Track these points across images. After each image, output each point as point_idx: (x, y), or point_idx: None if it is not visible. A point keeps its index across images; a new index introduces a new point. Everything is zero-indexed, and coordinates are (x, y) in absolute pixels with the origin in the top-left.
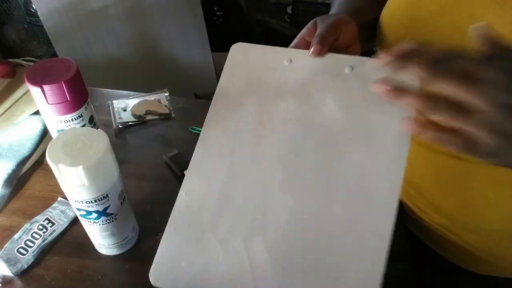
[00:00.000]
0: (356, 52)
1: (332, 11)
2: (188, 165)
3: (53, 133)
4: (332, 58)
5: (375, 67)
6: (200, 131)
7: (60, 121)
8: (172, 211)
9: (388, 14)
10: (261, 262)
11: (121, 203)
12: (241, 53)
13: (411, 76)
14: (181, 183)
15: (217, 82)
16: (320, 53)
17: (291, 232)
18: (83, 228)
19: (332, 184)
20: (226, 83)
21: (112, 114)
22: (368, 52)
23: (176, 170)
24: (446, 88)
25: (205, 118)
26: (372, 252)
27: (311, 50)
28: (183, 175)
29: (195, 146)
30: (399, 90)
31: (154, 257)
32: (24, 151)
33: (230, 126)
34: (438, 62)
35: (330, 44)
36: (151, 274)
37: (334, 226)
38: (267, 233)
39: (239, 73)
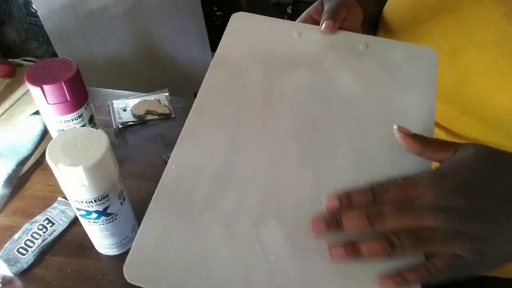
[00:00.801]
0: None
1: None
2: None
3: (53, 133)
4: (345, 34)
5: (390, 47)
6: None
7: (60, 121)
8: (158, 186)
9: (391, 6)
10: (277, 249)
11: (121, 203)
12: (243, 22)
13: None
14: None
15: None
16: (332, 28)
17: (312, 212)
18: (83, 228)
19: (355, 158)
20: (226, 50)
21: (112, 114)
22: None
23: None
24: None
25: None
26: None
27: (324, 25)
28: None
29: None
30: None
31: None
32: (24, 151)
33: (232, 92)
34: (369, 211)
35: (340, 22)
36: (126, 268)
37: None
38: (283, 213)
39: (241, 41)
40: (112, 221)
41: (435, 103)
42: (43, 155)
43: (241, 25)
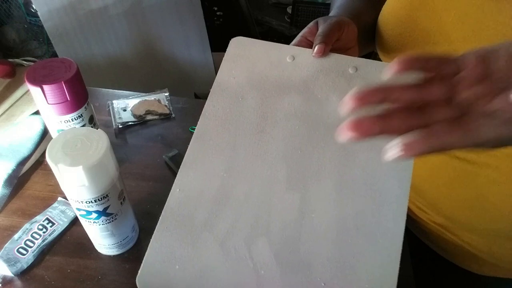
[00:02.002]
0: (355, 55)
1: (331, 14)
2: None
3: (53, 133)
4: (335, 58)
5: (379, 69)
6: None
7: (60, 121)
8: (164, 208)
9: (387, 12)
10: (266, 265)
11: (121, 203)
12: (241, 47)
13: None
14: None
15: None
16: (324, 52)
17: (298, 232)
18: (83, 228)
19: (339, 182)
20: (225, 76)
21: (112, 114)
22: (367, 55)
23: (176, 170)
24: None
25: None
26: (385, 252)
27: (315, 49)
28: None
29: None
30: (375, 119)
31: None
32: (24, 151)
33: (230, 119)
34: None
35: (332, 44)
36: (139, 279)
37: (344, 226)
38: (272, 233)
39: (239, 67)
40: (112, 221)
41: None
42: (43, 155)
43: (239, 50)
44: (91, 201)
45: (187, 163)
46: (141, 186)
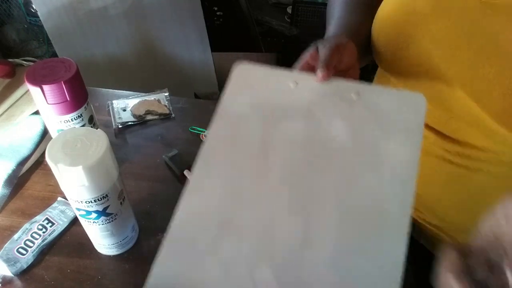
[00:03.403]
0: (356, 73)
1: (329, 32)
2: (187, 165)
3: (53, 133)
4: (337, 83)
5: (381, 95)
6: (200, 131)
7: (60, 121)
8: (168, 231)
9: (381, 18)
10: None
11: (121, 203)
12: (244, 73)
13: None
14: (181, 183)
15: (217, 82)
16: (326, 78)
17: (301, 257)
18: (83, 228)
19: (341, 206)
20: (229, 101)
21: (112, 114)
22: (365, 68)
23: (176, 170)
24: None
25: (204, 118)
26: (386, 274)
27: (318, 76)
28: (183, 175)
29: (194, 146)
30: None
31: (153, 257)
32: (24, 151)
33: (234, 145)
34: None
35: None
36: None
37: (346, 250)
38: (275, 258)
39: (243, 92)
40: (112, 221)
41: (420, 151)
42: (43, 155)
43: (243, 76)
44: (91, 201)
45: (191, 188)
46: (141, 186)
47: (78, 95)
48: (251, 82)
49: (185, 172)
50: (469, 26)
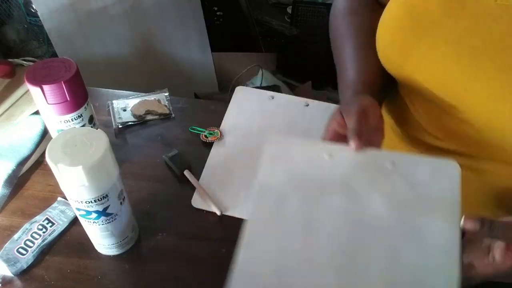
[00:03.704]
0: (382, 132)
1: (345, 83)
2: (187, 165)
3: (53, 133)
4: (372, 153)
5: (416, 163)
6: (200, 130)
7: (60, 121)
8: None
9: (388, 18)
10: None
11: (121, 203)
12: (277, 146)
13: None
14: (181, 183)
15: (217, 82)
16: (361, 148)
17: None
18: (83, 228)
19: (388, 283)
20: (266, 178)
21: (112, 114)
22: None
23: (176, 170)
24: None
25: (204, 118)
26: None
27: (352, 145)
28: (183, 175)
29: (194, 146)
30: None
31: (153, 257)
32: (24, 151)
33: (275, 223)
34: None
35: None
36: None
37: None
38: None
39: (278, 167)
40: (112, 221)
41: (459, 220)
42: (43, 155)
43: (276, 150)
44: (91, 201)
45: (235, 273)
46: (141, 186)
47: (78, 95)
48: (285, 156)
49: (185, 172)
50: (484, 27)
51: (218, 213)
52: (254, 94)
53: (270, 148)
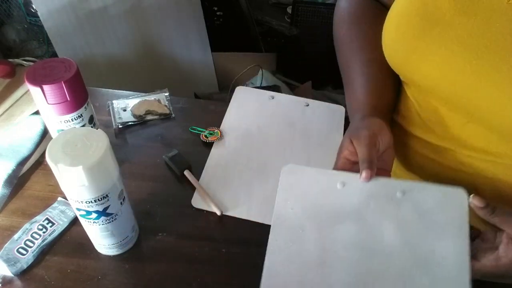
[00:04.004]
0: (392, 154)
1: (355, 105)
2: (187, 165)
3: (53, 133)
4: (383, 182)
5: (425, 192)
6: (200, 130)
7: (60, 121)
8: None
9: (397, 15)
10: None
11: (121, 203)
12: (292, 175)
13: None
14: (181, 183)
15: (217, 82)
16: (371, 177)
17: None
18: (83, 228)
19: None
20: (282, 208)
21: (112, 114)
22: None
23: (176, 170)
24: None
25: (204, 118)
26: None
27: (363, 175)
28: (183, 175)
29: (195, 146)
30: None
31: (153, 257)
32: (24, 151)
33: (293, 253)
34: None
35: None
36: None
37: None
38: None
39: (293, 197)
40: (112, 221)
41: (468, 246)
42: (43, 155)
43: (291, 179)
44: (91, 201)
45: None
46: (141, 186)
47: (78, 95)
48: (299, 185)
49: (185, 172)
50: (496, 27)
51: (218, 213)
52: (254, 94)
53: (285, 178)
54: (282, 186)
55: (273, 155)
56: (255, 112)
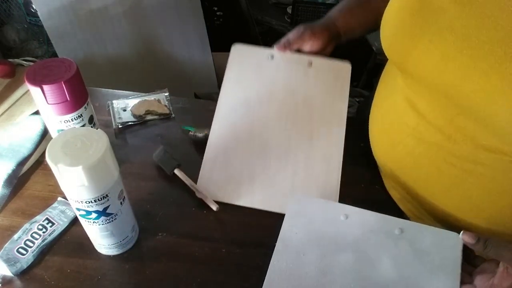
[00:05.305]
0: (327, 53)
1: (325, 17)
2: (177, 163)
3: (53, 133)
4: (384, 218)
5: (422, 231)
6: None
7: (60, 121)
8: None
9: (396, 4)
10: None
11: (121, 203)
12: (299, 205)
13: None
14: (181, 183)
15: (217, 82)
16: (283, 50)
17: None
18: (83, 228)
19: None
20: (287, 232)
21: (112, 114)
22: (370, 72)
23: (166, 170)
24: None
25: (204, 118)
26: None
27: (276, 47)
28: (174, 175)
29: (194, 146)
30: None
31: (153, 257)
32: (24, 151)
33: (294, 274)
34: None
35: (293, 49)
36: None
37: None
38: None
39: (299, 224)
40: (112, 221)
41: (458, 286)
42: (43, 155)
43: (298, 207)
44: (91, 201)
45: None
46: (141, 186)
47: (78, 95)
48: (305, 214)
49: (176, 171)
50: (489, 17)
51: (215, 208)
52: (253, 54)
53: (293, 207)
54: (289, 214)
55: (275, 132)
56: (254, 79)
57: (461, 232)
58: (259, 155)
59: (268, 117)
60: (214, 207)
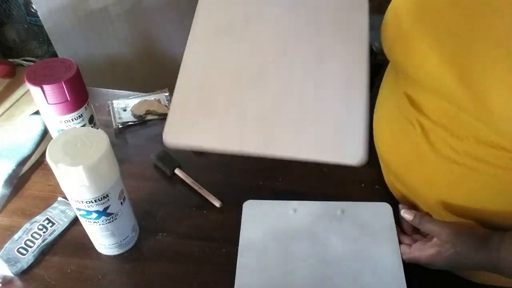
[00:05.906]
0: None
1: None
2: (177, 163)
3: (53, 133)
4: (326, 205)
5: (360, 209)
6: None
7: (60, 121)
8: None
9: (397, 5)
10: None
11: (121, 203)
12: (253, 208)
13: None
14: (181, 183)
15: None
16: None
17: None
18: (83, 228)
19: None
20: (247, 234)
21: (112, 114)
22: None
23: (166, 170)
24: None
25: None
26: None
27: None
28: (174, 175)
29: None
30: None
31: (153, 257)
32: (24, 151)
33: (261, 271)
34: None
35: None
36: None
37: None
38: None
39: (255, 225)
40: (112, 221)
41: (398, 246)
42: (43, 155)
43: (252, 211)
44: (91, 201)
45: None
46: (141, 186)
47: (78, 95)
48: (259, 215)
49: (176, 171)
50: (485, 19)
51: (218, 205)
52: None
53: (247, 211)
54: (245, 218)
55: (272, 56)
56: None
57: (402, 210)
58: (251, 89)
59: (262, 40)
60: (217, 203)
